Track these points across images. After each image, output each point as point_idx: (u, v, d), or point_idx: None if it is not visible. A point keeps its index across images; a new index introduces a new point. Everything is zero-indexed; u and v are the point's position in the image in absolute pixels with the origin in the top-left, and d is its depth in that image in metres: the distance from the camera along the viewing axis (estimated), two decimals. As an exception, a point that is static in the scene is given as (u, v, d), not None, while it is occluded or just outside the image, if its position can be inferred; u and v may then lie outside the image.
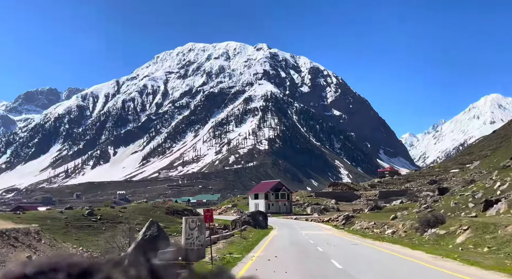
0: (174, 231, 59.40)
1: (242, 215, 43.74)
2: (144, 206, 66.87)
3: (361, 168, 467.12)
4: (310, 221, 64.91)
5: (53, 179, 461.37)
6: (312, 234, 36.17)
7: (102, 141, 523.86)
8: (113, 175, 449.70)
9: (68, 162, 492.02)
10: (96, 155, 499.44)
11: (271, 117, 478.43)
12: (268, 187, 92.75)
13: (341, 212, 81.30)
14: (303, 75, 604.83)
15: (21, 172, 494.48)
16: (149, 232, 41.15)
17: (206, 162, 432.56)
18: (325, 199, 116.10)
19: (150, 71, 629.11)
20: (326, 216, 75.21)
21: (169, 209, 68.44)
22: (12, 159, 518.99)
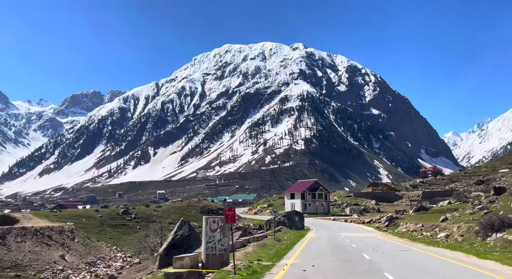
0: None
1: (276, 215, 40.90)
2: (179, 205, 65.56)
3: (401, 168, 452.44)
4: (350, 222, 61.17)
5: (97, 179, 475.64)
6: (353, 236, 32.91)
7: (143, 142, 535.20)
8: (153, 175, 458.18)
9: (111, 162, 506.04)
10: (137, 156, 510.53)
11: (307, 116, 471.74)
12: (305, 186, 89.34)
13: (382, 213, 76.82)
14: (340, 73, 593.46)
15: (68, 172, 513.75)
16: (180, 232, 38.76)
17: (243, 162, 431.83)
18: (364, 200, 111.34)
19: (188, 73, 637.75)
20: (367, 217, 71.08)
21: (204, 208, 66.78)
22: (60, 159, 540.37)
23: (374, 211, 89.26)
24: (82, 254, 42.41)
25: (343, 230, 41.90)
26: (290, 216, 41.60)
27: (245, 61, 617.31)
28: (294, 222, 40.32)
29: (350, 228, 46.70)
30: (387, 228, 43.03)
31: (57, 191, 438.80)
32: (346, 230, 43.10)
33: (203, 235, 14.26)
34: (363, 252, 20.02)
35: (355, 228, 46.78)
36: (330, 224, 55.40)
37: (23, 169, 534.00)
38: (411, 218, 46.47)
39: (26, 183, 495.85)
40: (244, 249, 18.97)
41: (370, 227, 49.14)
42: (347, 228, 46.68)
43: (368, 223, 53.82)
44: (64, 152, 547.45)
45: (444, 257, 17.06)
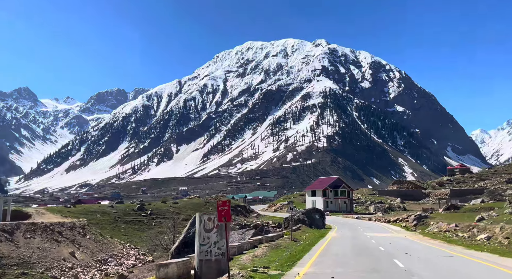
0: None
1: (295, 213, 37.94)
2: (196, 202, 63.36)
3: (426, 166, 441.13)
4: (374, 221, 57.62)
5: (121, 175, 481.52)
6: (379, 237, 29.74)
7: (166, 139, 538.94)
8: (176, 171, 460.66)
9: (134, 159, 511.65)
10: (160, 153, 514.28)
11: (329, 114, 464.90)
12: (326, 183, 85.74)
13: (408, 212, 72.91)
14: (364, 70, 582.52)
15: (93, 169, 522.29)
16: (193, 230, 35.99)
17: (264, 160, 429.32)
18: (389, 198, 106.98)
19: (210, 70, 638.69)
20: (392, 215, 67.34)
21: (221, 204, 64.76)
22: (85, 156, 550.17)
23: (400, 210, 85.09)
24: (93, 251, 40.63)
25: (367, 229, 38.68)
26: (310, 213, 38.61)
27: (267, 58, 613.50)
28: (314, 220, 37.35)
29: (375, 227, 43.37)
30: (415, 227, 39.54)
31: (82, 187, 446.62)
32: (371, 229, 39.85)
33: (196, 235, 11.51)
34: (394, 257, 16.75)
35: (381, 227, 43.40)
36: (353, 223, 52.08)
37: (51, 166, 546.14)
38: (442, 217, 42.80)
39: (53, 179, 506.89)
40: (254, 251, 16.21)
41: (396, 226, 45.67)
42: (371, 227, 43.38)
43: (394, 222, 50.23)
44: (89, 149, 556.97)
45: (499, 267, 13.64)
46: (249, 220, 62.03)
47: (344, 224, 50.08)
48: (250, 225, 58.33)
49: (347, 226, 46.25)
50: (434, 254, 18.46)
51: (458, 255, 17.60)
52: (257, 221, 61.02)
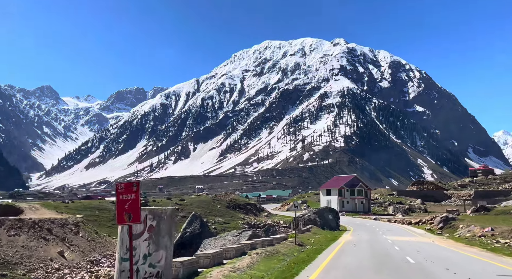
0: (234, 227, 51.06)
1: (307, 212, 33.53)
2: (204, 199, 59.48)
3: (447, 167, 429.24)
4: (394, 223, 52.62)
5: (139, 173, 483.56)
6: (403, 242, 25.07)
7: (183, 137, 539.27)
8: (192, 170, 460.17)
9: (152, 157, 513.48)
10: (177, 151, 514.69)
11: (347, 113, 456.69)
12: (342, 182, 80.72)
13: (430, 213, 67.58)
14: (383, 69, 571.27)
15: (112, 166, 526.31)
16: (190, 229, 31.50)
17: (281, 159, 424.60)
18: (408, 199, 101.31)
19: (227, 69, 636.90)
20: (413, 217, 62.14)
21: (231, 202, 60.39)
22: (104, 153, 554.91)
23: (420, 211, 79.59)
24: (85, 251, 36.85)
25: (387, 232, 34.06)
26: (322, 213, 34.18)
27: (285, 57, 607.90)
28: (326, 220, 32.93)
29: (396, 230, 38.63)
30: (441, 230, 34.66)
31: (101, 184, 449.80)
32: (391, 231, 35.19)
33: (118, 245, 7.01)
34: (433, 275, 11.86)
35: (402, 230, 38.60)
36: (371, 224, 47.28)
37: (71, 162, 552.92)
38: (471, 220, 37.76)
39: (73, 176, 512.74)
40: (238, 260, 11.90)
41: (419, 229, 40.75)
42: (391, 229, 38.67)
43: (416, 224, 45.22)
44: (108, 147, 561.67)
45: None
46: (259, 220, 57.83)
47: (361, 225, 45.37)
48: (259, 224, 54.03)
49: (364, 227, 41.57)
50: (489, 271, 13.21)
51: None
52: (267, 220, 56.79)
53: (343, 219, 55.69)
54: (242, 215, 57.65)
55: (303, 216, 31.31)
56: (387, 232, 34.48)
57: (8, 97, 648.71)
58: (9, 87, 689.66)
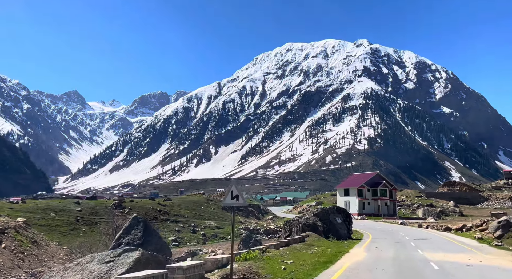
0: (228, 233, 41.61)
1: (304, 214, 23.30)
2: (196, 199, 50.21)
3: (476, 170, 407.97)
4: (426, 228, 41.70)
5: (161, 176, 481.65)
6: (457, 265, 14.43)
7: (205, 140, 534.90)
8: (214, 173, 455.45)
9: (174, 160, 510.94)
10: (199, 154, 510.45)
11: (371, 115, 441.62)
12: (363, 180, 69.44)
13: (467, 217, 56.15)
14: (408, 70, 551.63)
15: (135, 169, 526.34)
16: (127, 239, 21.27)
17: (303, 162, 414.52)
18: (439, 201, 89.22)
19: (249, 72, 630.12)
20: (448, 221, 50.95)
21: (227, 203, 51.10)
22: (128, 157, 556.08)
23: (455, 215, 67.93)
24: (5, 268, 27.47)
25: (423, 244, 23.59)
26: (327, 215, 23.95)
27: (307, 59, 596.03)
28: (333, 225, 22.90)
29: (435, 239, 27.87)
30: (501, 241, 24.03)
31: (125, 187, 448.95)
32: (429, 243, 24.62)
33: None
34: None
35: (444, 240, 27.72)
36: (397, 230, 36.62)
37: (96, 166, 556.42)
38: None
39: (98, 179, 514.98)
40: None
41: (465, 237, 29.89)
42: (428, 239, 28.04)
43: (459, 231, 34.25)
44: (132, 150, 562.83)
45: None
46: (260, 224, 48.03)
47: (384, 232, 34.94)
48: (260, 229, 44.17)
49: (388, 235, 31.21)
50: None
51: None
52: (270, 224, 46.94)
53: (362, 223, 45.22)
54: (241, 219, 48.09)
55: (299, 219, 21.54)
56: (423, 243, 24.01)
57: (37, 103, 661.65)
58: (38, 93, 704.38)
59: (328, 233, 22.10)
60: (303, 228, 20.48)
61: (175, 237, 37.35)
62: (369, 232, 32.01)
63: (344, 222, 24.80)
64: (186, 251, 31.41)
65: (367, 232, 32.72)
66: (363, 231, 32.68)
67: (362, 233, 30.42)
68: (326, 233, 21.92)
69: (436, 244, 23.66)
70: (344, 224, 24.58)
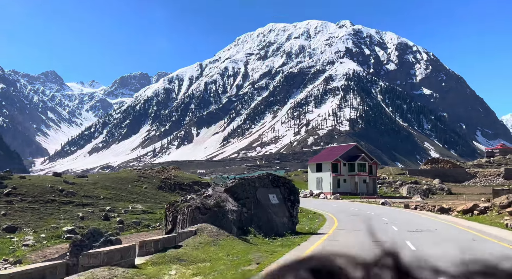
0: (159, 220, 31.05)
1: (207, 190, 12.31)
2: (124, 175, 38.98)
3: (454, 150, 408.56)
4: (415, 210, 31.62)
5: (142, 158, 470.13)
6: None
7: (186, 122, 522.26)
8: (196, 155, 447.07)
9: (155, 142, 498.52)
10: (180, 136, 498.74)
11: (353, 96, 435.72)
12: (338, 153, 58.54)
13: (458, 196, 46.87)
14: (389, 51, 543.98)
15: (115, 151, 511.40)
16: None
17: (284, 143, 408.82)
18: (423, 178, 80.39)
19: (231, 53, 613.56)
20: (438, 200, 41.28)
21: (168, 181, 39.94)
22: (108, 138, 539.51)
23: (443, 193, 58.78)
24: None
25: (427, 242, 12.67)
26: (250, 189, 12.24)
27: (289, 40, 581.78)
28: (260, 209, 11.65)
29: (441, 232, 16.63)
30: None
31: (104, 169, 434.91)
32: (437, 239, 13.54)
33: None
34: None
35: (457, 232, 16.40)
36: (378, 215, 26.11)
37: (74, 147, 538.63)
38: None
39: (76, 161, 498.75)
40: None
41: (486, 224, 19.04)
42: (430, 231, 17.08)
43: (468, 214, 23.70)
44: (111, 132, 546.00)
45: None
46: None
47: (359, 216, 24.64)
48: None
49: (364, 223, 20.73)
50: None
51: None
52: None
53: (334, 204, 35.09)
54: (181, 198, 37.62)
55: (193, 198, 10.84)
56: (427, 241, 12.86)
57: (12, 83, 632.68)
58: (14, 73, 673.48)
59: (249, 224, 11.26)
60: (193, 215, 9.95)
61: (73, 227, 26.28)
62: (336, 217, 22.00)
63: (284, 202, 13.32)
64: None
65: (335, 216, 22.69)
66: (329, 215, 22.84)
67: (325, 219, 20.53)
68: (245, 224, 11.13)
69: (455, 244, 12.45)
70: (283, 206, 13.12)
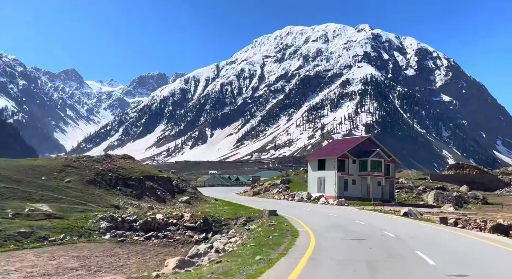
0: (68, 229, 20.20)
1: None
2: (42, 164, 28.16)
3: (473, 159, 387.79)
4: (456, 227, 19.80)
5: (156, 157, 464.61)
6: None
7: (201, 122, 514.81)
8: (209, 155, 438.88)
9: (170, 142, 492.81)
10: (194, 136, 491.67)
11: (370, 101, 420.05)
12: (346, 147, 45.53)
13: (500, 207, 34.61)
14: (409, 57, 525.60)
15: (130, 149, 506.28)
16: None
17: (298, 147, 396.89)
18: (448, 185, 67.70)
19: (248, 55, 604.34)
20: (475, 212, 29.19)
21: (108, 173, 29.02)
22: (123, 137, 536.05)
23: (478, 202, 46.41)
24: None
25: None
26: None
27: (307, 43, 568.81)
28: None
29: None
30: None
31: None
32: None
33: None
34: None
35: None
36: (404, 239, 14.32)
37: (90, 145, 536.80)
38: None
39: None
40: None
41: None
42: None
43: None
44: (127, 130, 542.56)
45: None
46: (162, 209, 26.38)
47: (366, 241, 13.16)
48: (136, 220, 22.42)
49: (374, 259, 9.42)
50: None
51: None
52: (171, 212, 25.26)
53: (334, 213, 23.58)
54: (123, 199, 26.73)
55: None
56: None
57: (34, 80, 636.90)
58: (35, 70, 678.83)
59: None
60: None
61: None
62: (314, 243, 11.05)
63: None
64: None
65: (315, 239, 11.62)
66: (307, 236, 11.77)
67: (290, 246, 9.45)
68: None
69: None
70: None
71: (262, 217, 22.11)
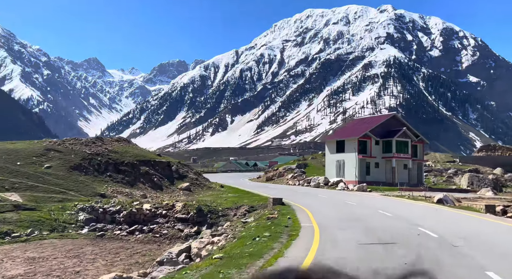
0: (39, 222, 17.08)
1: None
2: (20, 147, 25.13)
3: (502, 141, 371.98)
4: (506, 217, 15.61)
5: (177, 144, 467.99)
6: None
7: (221, 109, 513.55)
8: (229, 142, 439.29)
9: (191, 129, 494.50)
10: (215, 123, 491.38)
11: (393, 84, 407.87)
12: (368, 126, 40.72)
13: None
14: (434, 37, 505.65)
15: (152, 137, 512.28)
16: None
17: (319, 132, 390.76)
18: (480, 168, 62.53)
19: (267, 40, 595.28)
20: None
21: (97, 157, 25.90)
22: (145, 124, 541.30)
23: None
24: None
25: None
26: None
27: (327, 26, 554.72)
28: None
29: None
30: None
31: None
32: None
33: None
34: None
35: None
36: (455, 244, 10.12)
37: (113, 133, 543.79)
38: None
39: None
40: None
41: None
42: None
43: None
44: (149, 118, 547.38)
45: None
46: (157, 197, 23.12)
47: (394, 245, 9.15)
48: (119, 211, 19.16)
49: None
50: None
51: None
52: (161, 201, 21.96)
53: (353, 200, 19.90)
54: (113, 187, 23.62)
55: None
56: None
57: (57, 69, 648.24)
58: (58, 59, 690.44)
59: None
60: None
61: None
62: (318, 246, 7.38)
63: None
64: None
65: (320, 241, 7.92)
66: (312, 233, 8.27)
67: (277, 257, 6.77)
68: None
69: None
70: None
71: (266, 207, 18.57)
